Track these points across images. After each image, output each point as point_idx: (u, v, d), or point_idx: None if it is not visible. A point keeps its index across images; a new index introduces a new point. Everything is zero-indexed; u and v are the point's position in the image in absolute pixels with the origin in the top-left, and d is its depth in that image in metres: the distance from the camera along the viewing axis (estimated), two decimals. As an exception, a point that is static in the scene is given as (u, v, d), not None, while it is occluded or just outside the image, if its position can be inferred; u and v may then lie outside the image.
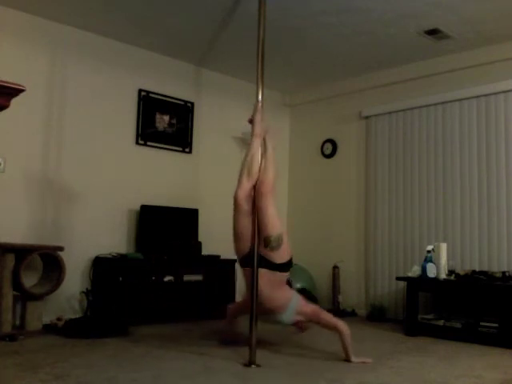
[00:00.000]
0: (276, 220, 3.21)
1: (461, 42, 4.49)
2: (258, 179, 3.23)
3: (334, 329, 3.16)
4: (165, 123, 5.05)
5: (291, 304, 3.23)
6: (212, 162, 5.42)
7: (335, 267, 5.37)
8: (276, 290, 3.21)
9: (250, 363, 2.96)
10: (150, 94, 4.95)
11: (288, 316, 3.25)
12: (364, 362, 3.09)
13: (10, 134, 4.03)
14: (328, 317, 3.24)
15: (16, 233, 3.99)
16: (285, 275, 3.27)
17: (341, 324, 3.16)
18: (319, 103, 5.97)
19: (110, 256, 4.35)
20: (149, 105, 4.94)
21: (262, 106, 3.37)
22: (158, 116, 5.00)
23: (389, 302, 4.97)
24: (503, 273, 4.06)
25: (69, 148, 4.40)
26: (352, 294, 5.34)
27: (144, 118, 4.90)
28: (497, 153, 4.45)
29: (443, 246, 4.26)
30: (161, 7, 4.03)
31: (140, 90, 4.88)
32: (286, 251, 3.23)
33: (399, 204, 5.06)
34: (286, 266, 3.23)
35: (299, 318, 3.28)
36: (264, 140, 3.37)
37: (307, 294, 4.37)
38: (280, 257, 3.18)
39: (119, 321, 3.87)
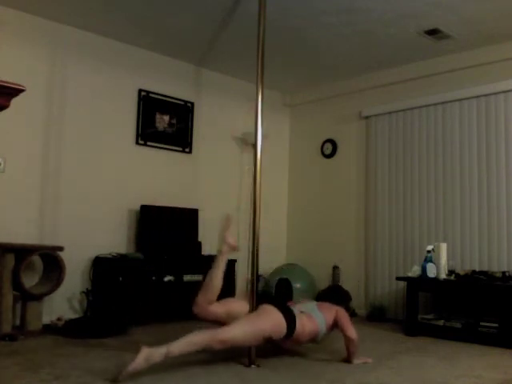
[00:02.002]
0: (251, 335, 2.82)
1: (461, 42, 4.49)
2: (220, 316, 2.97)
3: (345, 335, 3.10)
4: (165, 123, 5.05)
5: (320, 331, 3.12)
6: (212, 162, 5.42)
7: (335, 267, 5.37)
8: (301, 338, 3.06)
9: (249, 363, 2.96)
10: (150, 94, 4.95)
11: (323, 335, 3.18)
12: (365, 362, 3.09)
13: (10, 134, 4.03)
14: (346, 322, 3.16)
15: (16, 233, 3.99)
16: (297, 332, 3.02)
17: (352, 331, 3.10)
18: (319, 103, 5.97)
19: (110, 256, 4.35)
20: (149, 105, 4.94)
21: (261, 108, 3.31)
22: (157, 116, 5.00)
23: (389, 301, 4.97)
24: (503, 273, 4.06)
25: (69, 148, 4.40)
26: (352, 294, 5.32)
27: (144, 118, 4.90)
28: (497, 153, 4.45)
29: (443, 246, 4.26)
30: (161, 7, 4.02)
31: (140, 90, 4.88)
32: (279, 327, 2.91)
33: (399, 204, 5.06)
34: (291, 330, 2.97)
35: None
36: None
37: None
38: (279, 336, 2.95)
39: (119, 321, 3.87)
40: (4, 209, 3.98)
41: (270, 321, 2.90)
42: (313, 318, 3.10)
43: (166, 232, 4.80)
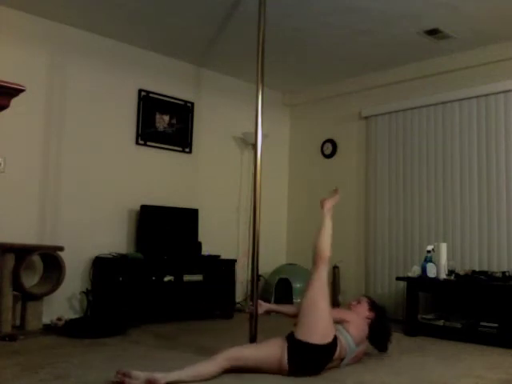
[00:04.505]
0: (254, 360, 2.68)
1: (461, 41, 4.49)
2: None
3: None
4: (165, 123, 5.05)
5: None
6: (212, 162, 5.42)
7: (335, 267, 5.36)
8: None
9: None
10: (150, 94, 4.95)
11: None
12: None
13: (10, 134, 4.03)
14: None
15: (16, 233, 3.99)
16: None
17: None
18: (319, 103, 5.97)
19: (110, 256, 4.35)
20: (149, 105, 4.93)
21: (261, 108, 3.32)
22: (157, 116, 5.00)
23: (389, 302, 4.97)
24: (503, 273, 4.06)
25: (69, 148, 4.40)
26: (352, 294, 5.33)
27: (144, 117, 4.89)
28: (497, 153, 4.44)
29: (443, 246, 4.25)
30: (161, 7, 4.02)
31: (140, 90, 4.88)
32: (269, 364, 2.70)
33: (399, 204, 5.06)
34: (296, 368, 2.72)
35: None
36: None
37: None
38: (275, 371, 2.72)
39: (119, 321, 3.87)
40: (4, 209, 3.97)
41: (265, 353, 2.73)
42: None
43: (166, 232, 4.80)
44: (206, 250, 4.85)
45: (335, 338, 2.76)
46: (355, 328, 2.97)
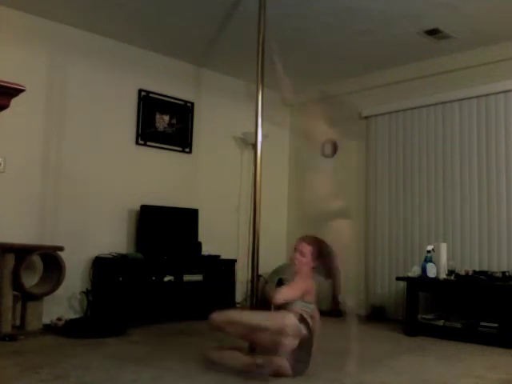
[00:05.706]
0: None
1: (461, 41, 4.48)
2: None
3: None
4: (165, 123, 5.05)
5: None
6: (212, 162, 5.41)
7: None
8: None
9: (249, 363, 2.94)
10: (150, 94, 4.95)
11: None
12: None
13: (10, 134, 4.03)
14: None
15: (16, 233, 3.98)
16: None
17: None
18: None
19: (110, 256, 4.35)
20: (149, 105, 4.93)
21: (261, 108, 3.31)
22: (157, 116, 5.00)
23: (389, 302, 4.97)
24: (503, 273, 4.06)
25: (69, 148, 4.40)
26: (352, 294, 5.32)
27: (144, 118, 4.89)
28: (497, 153, 4.44)
29: (443, 246, 4.26)
30: (161, 7, 4.02)
31: (140, 90, 4.88)
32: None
33: (399, 204, 5.06)
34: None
35: None
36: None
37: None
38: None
39: (119, 321, 3.87)
40: (4, 209, 3.97)
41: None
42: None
43: (166, 232, 4.80)
44: (206, 250, 4.85)
45: (301, 317, 2.79)
46: (311, 294, 3.01)
